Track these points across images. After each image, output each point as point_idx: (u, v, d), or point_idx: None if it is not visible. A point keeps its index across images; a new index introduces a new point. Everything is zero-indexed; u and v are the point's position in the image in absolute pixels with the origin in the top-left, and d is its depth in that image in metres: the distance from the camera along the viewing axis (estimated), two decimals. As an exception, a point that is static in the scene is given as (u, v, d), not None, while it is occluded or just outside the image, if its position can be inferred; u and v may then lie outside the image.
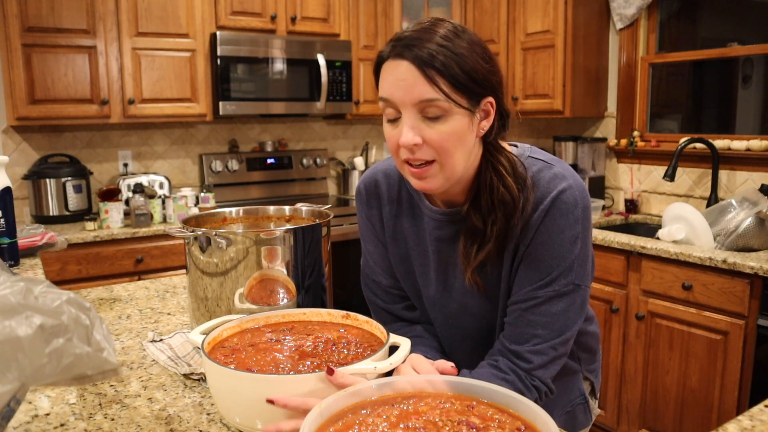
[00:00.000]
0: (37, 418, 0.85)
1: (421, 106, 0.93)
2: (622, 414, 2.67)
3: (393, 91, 0.95)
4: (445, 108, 0.93)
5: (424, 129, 0.94)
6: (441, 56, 0.91)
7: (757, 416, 0.93)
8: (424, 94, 0.92)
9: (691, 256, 2.32)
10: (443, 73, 0.92)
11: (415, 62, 0.92)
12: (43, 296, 0.65)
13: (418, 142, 0.94)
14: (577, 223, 0.98)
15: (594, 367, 1.26)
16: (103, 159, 3.37)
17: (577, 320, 1.02)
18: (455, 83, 0.92)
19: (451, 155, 0.96)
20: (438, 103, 0.92)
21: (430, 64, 0.91)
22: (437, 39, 0.93)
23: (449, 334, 1.17)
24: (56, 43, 2.88)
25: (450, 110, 0.93)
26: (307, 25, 3.54)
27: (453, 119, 0.94)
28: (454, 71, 0.92)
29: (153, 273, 2.95)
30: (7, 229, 1.73)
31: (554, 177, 1.00)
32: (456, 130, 0.94)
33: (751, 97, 3.13)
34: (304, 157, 3.90)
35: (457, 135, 0.95)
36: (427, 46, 0.92)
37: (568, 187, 0.99)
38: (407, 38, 0.94)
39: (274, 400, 0.80)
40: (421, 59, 0.92)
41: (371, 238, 1.20)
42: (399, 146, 0.97)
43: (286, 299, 1.19)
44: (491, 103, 0.98)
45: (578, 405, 1.22)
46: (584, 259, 1.01)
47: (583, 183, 1.02)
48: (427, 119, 0.94)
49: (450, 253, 1.09)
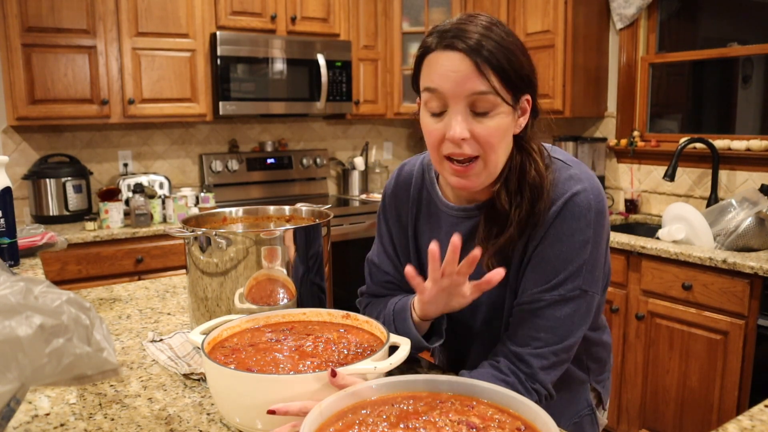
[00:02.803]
0: (37, 418, 0.85)
1: (472, 99, 0.92)
2: (622, 414, 2.67)
3: (443, 82, 0.93)
4: (494, 103, 0.92)
5: (472, 123, 0.93)
6: (491, 47, 0.91)
7: (757, 416, 0.93)
8: (476, 86, 0.91)
9: (691, 256, 2.32)
10: (495, 67, 0.91)
11: (469, 54, 0.91)
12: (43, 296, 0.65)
13: (466, 136, 0.93)
14: (588, 227, 0.97)
15: (603, 377, 1.22)
16: (103, 159, 3.37)
17: (581, 327, 1.00)
18: (505, 78, 0.92)
19: (495, 151, 0.95)
20: (488, 97, 0.92)
21: (484, 57, 0.91)
22: (483, 30, 0.92)
23: (455, 333, 1.16)
24: (56, 43, 2.88)
25: (497, 105, 0.93)
26: (307, 25, 3.54)
27: (499, 115, 0.93)
28: (504, 66, 0.92)
29: (153, 273, 2.95)
30: (7, 229, 1.73)
31: (570, 178, 0.99)
32: (501, 125, 0.94)
33: (751, 97, 3.13)
34: (304, 157, 3.90)
35: (502, 131, 0.95)
36: (476, 37, 0.91)
37: (583, 190, 0.97)
38: (456, 30, 0.93)
39: (276, 410, 0.80)
40: (476, 51, 0.91)
41: (385, 233, 1.20)
42: (442, 140, 0.95)
43: (286, 299, 1.19)
44: (528, 100, 0.98)
45: (585, 416, 1.19)
46: (594, 265, 0.99)
47: (599, 187, 1.00)
48: (475, 113, 0.93)
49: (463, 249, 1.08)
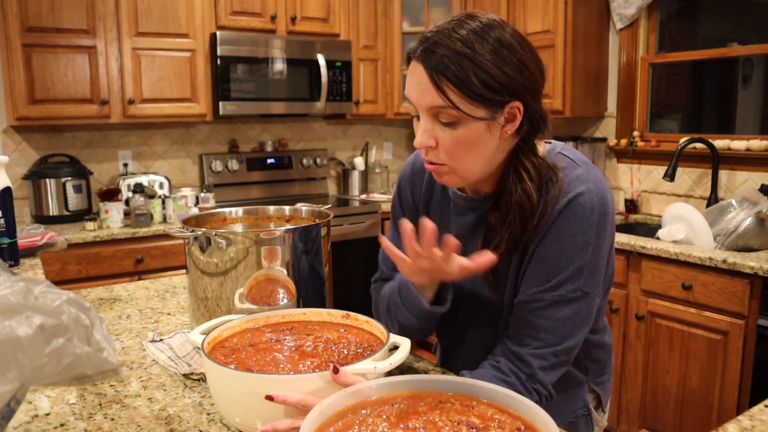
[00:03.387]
0: (37, 418, 0.85)
1: (433, 111, 0.94)
2: (622, 414, 2.67)
3: (410, 92, 0.97)
4: (457, 116, 0.93)
5: (438, 132, 0.95)
6: (454, 66, 0.90)
7: (757, 416, 0.93)
8: (433, 101, 0.93)
9: (691, 256, 2.32)
10: (455, 83, 0.90)
11: (427, 69, 0.92)
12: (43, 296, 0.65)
13: (430, 145, 0.96)
14: (590, 228, 0.96)
15: (603, 379, 1.21)
16: (103, 159, 3.37)
17: (582, 329, 1.00)
18: (468, 93, 0.91)
19: (462, 160, 0.96)
20: (448, 110, 0.92)
21: (442, 73, 0.90)
22: (456, 44, 0.91)
23: (456, 327, 1.16)
24: (56, 43, 2.88)
25: (462, 118, 0.93)
26: (307, 25, 3.54)
27: (466, 126, 0.93)
28: (468, 82, 0.90)
29: (153, 273, 2.95)
30: (7, 229, 1.73)
31: (576, 178, 0.98)
32: (469, 136, 0.94)
33: (751, 97, 3.13)
34: (304, 157, 3.90)
35: (470, 141, 0.94)
36: (443, 52, 0.91)
37: (587, 191, 0.96)
38: (428, 40, 0.94)
39: (273, 396, 0.80)
40: (434, 67, 0.91)
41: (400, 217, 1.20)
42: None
43: (286, 299, 1.19)
44: (518, 107, 0.95)
45: (581, 416, 1.18)
46: (595, 267, 0.98)
47: (605, 189, 0.98)
48: (441, 123, 0.95)
49: (468, 240, 1.08)
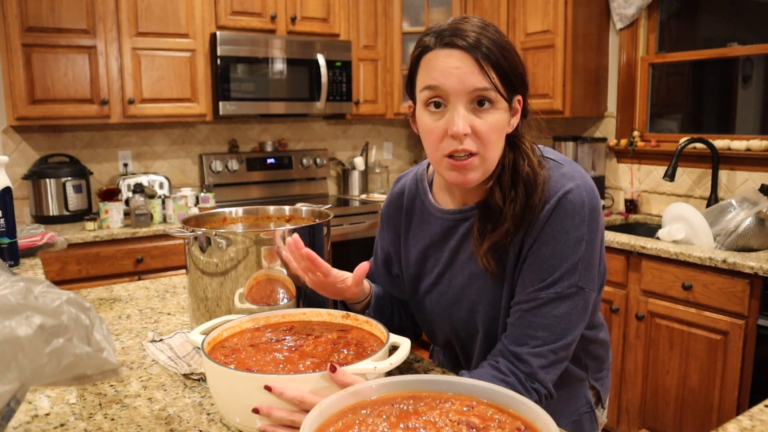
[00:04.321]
0: (37, 418, 0.85)
1: (474, 95, 0.94)
2: (622, 414, 2.67)
3: (444, 79, 0.94)
4: (494, 99, 0.95)
5: (473, 119, 0.95)
6: (492, 47, 0.94)
7: (757, 416, 0.93)
8: (478, 82, 0.93)
9: (691, 256, 2.32)
10: (494, 64, 0.94)
11: (469, 51, 0.93)
12: (43, 296, 0.65)
13: (469, 131, 0.95)
14: (582, 224, 0.97)
15: (602, 375, 1.23)
16: (103, 159, 3.37)
17: (579, 324, 1.00)
18: (502, 75, 0.95)
19: (493, 147, 0.98)
20: (489, 93, 0.94)
21: (483, 54, 0.93)
22: (479, 30, 0.95)
23: (454, 334, 1.16)
24: (56, 43, 2.88)
25: (497, 102, 0.96)
26: (307, 25, 3.54)
27: (498, 111, 0.96)
28: (502, 63, 0.94)
29: (153, 273, 2.95)
30: (7, 229, 1.73)
31: (562, 176, 0.99)
32: (500, 122, 0.97)
33: (751, 97, 3.13)
34: (304, 157, 3.90)
35: (500, 127, 0.97)
36: (475, 35, 0.94)
37: (576, 188, 0.98)
38: (453, 29, 0.95)
39: (272, 387, 0.80)
40: (476, 48, 0.93)
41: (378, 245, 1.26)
42: (442, 138, 0.97)
43: (286, 299, 1.19)
44: (520, 101, 1.01)
45: (584, 414, 1.19)
46: (589, 262, 0.99)
47: (592, 185, 1.01)
48: (477, 109, 0.95)
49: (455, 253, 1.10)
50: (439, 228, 1.12)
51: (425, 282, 1.16)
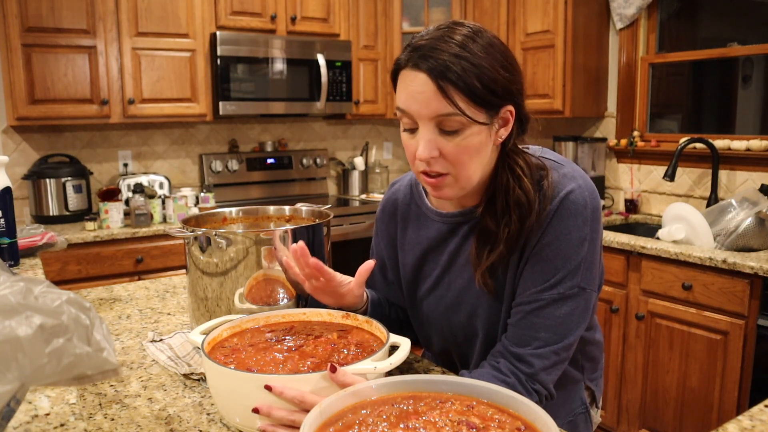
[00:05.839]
0: (37, 418, 0.85)
1: (438, 120, 0.92)
2: (622, 414, 2.67)
3: (410, 103, 0.93)
4: (462, 122, 0.91)
5: (440, 142, 0.93)
6: (458, 68, 0.88)
7: (757, 416, 0.93)
8: (440, 109, 0.90)
9: (691, 256, 2.32)
10: (460, 87, 0.89)
11: (431, 75, 0.89)
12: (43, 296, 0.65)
13: (434, 155, 0.93)
14: (585, 224, 0.97)
15: (596, 375, 1.24)
16: (103, 159, 3.37)
17: (580, 325, 1.00)
18: (473, 97, 0.90)
19: (466, 168, 0.95)
20: (455, 117, 0.91)
21: (447, 78, 0.89)
22: (454, 48, 0.90)
23: (455, 335, 1.16)
24: (56, 43, 2.88)
25: (467, 124, 0.92)
26: (307, 25, 3.54)
27: (470, 133, 0.92)
28: (472, 85, 0.89)
29: (153, 273, 2.95)
30: (7, 229, 1.73)
31: (563, 177, 0.99)
32: (472, 143, 0.93)
33: (751, 97, 3.13)
34: (304, 157, 3.90)
35: (473, 148, 0.94)
36: (444, 57, 0.89)
37: (577, 188, 0.97)
38: (424, 47, 0.91)
39: (272, 387, 0.80)
40: (438, 72, 0.89)
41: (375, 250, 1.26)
42: (415, 155, 0.95)
43: (286, 299, 1.19)
44: (510, 111, 0.96)
45: (580, 414, 1.20)
46: (591, 263, 0.99)
47: (592, 185, 1.01)
48: (444, 132, 0.93)
49: (454, 256, 1.10)
50: (436, 231, 1.11)
51: (423, 286, 1.16)
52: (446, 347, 1.19)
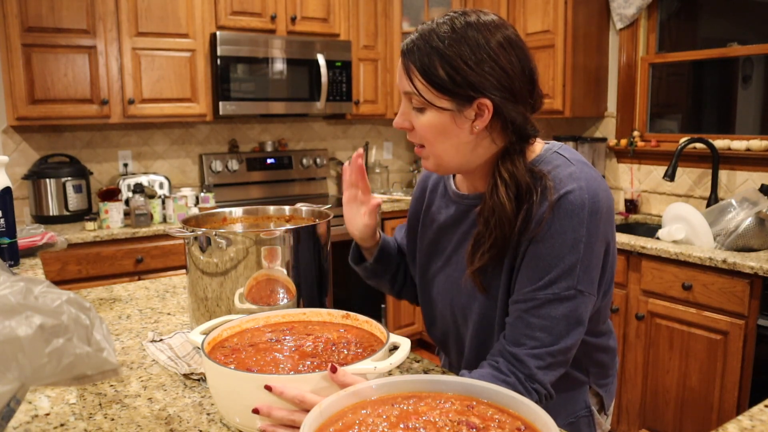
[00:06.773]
0: (37, 418, 0.85)
1: (407, 96, 1.02)
2: (622, 414, 2.67)
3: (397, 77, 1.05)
4: (423, 102, 0.99)
5: (412, 116, 1.03)
6: (423, 53, 0.97)
7: (757, 416, 0.93)
8: (405, 86, 1.01)
9: (691, 256, 2.32)
10: (421, 72, 0.98)
11: (403, 56, 1.01)
12: (43, 296, 0.65)
13: (405, 126, 1.04)
14: (581, 226, 0.96)
15: (606, 382, 1.20)
16: (103, 159, 3.37)
17: (577, 328, 0.99)
18: (432, 83, 0.97)
19: (433, 146, 1.03)
20: (415, 97, 1.00)
21: (412, 60, 0.99)
22: (433, 37, 0.98)
23: (455, 334, 1.17)
24: (56, 43, 2.88)
25: (427, 105, 0.99)
26: (307, 25, 3.54)
27: (431, 114, 1.00)
28: (433, 72, 0.97)
29: (153, 273, 2.95)
30: (7, 229, 1.73)
31: (567, 176, 0.99)
32: (434, 124, 1.00)
33: (751, 97, 3.13)
34: (304, 157, 3.90)
35: (436, 129, 1.01)
36: (419, 45, 0.98)
37: (577, 189, 0.96)
38: (419, 32, 1.00)
39: (272, 387, 0.80)
40: (407, 55, 1.00)
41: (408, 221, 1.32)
42: None
43: (286, 299, 1.19)
44: (486, 105, 0.97)
45: (582, 417, 1.17)
46: (588, 266, 0.97)
47: (597, 188, 0.98)
48: (414, 108, 1.02)
49: (463, 238, 1.12)
50: (453, 211, 1.16)
51: (436, 264, 1.19)
52: (446, 329, 1.20)
